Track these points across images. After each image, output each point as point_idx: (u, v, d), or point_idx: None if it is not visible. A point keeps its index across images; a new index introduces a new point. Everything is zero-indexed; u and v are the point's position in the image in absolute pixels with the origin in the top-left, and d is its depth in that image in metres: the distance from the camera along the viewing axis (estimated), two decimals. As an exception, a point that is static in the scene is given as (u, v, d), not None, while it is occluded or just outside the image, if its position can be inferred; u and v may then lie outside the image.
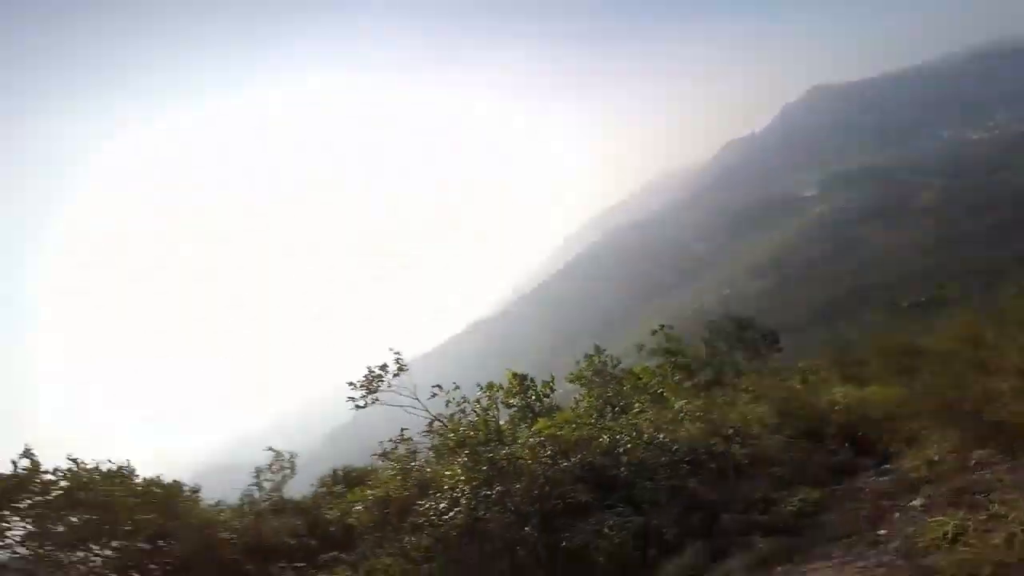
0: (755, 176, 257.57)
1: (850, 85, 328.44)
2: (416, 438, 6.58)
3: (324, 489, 9.75)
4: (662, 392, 9.03)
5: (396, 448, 6.28)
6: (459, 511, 5.10)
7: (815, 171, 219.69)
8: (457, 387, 6.69)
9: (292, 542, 7.41)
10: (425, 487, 5.72)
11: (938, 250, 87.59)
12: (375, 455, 6.63)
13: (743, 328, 12.77)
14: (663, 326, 10.51)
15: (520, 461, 5.64)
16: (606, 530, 4.87)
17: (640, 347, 10.78)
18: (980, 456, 3.97)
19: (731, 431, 6.52)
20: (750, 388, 8.10)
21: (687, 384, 10.52)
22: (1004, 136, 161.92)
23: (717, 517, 5.09)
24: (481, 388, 7.18)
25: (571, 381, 10.10)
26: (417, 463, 6.20)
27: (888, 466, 5.01)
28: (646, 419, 6.88)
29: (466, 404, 6.72)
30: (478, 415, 6.78)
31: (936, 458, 4.36)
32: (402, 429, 6.36)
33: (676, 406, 7.44)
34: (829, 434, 6.40)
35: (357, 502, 5.83)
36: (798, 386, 7.74)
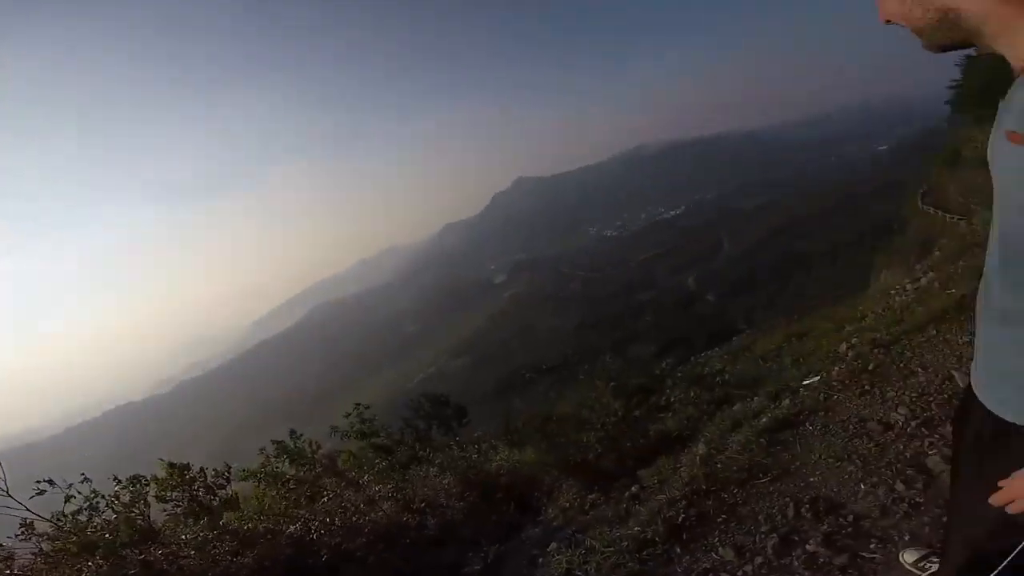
0: (466, 259, 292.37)
1: (544, 179, 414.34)
2: (9, 543, 4.61)
3: None
4: (356, 475, 8.82)
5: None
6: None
7: (508, 258, 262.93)
8: (85, 479, 5.04)
9: None
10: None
11: (581, 330, 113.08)
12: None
13: (439, 405, 13.75)
14: (358, 406, 10.28)
15: (185, 560, 4.72)
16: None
17: (333, 429, 10.25)
18: (592, 498, 5.22)
19: (422, 504, 6.82)
20: (439, 462, 8.64)
21: (383, 464, 10.50)
22: (624, 233, 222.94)
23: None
24: (120, 483, 5.57)
25: (244, 479, 8.81)
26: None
27: (540, 518, 6.03)
28: (339, 504, 6.64)
29: (99, 499, 5.09)
30: (117, 512, 5.26)
31: (567, 505, 5.50)
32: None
33: (373, 489, 7.36)
34: (499, 496, 7.32)
35: None
36: (474, 456, 8.61)
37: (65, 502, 5.07)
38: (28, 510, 4.95)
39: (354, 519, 6.17)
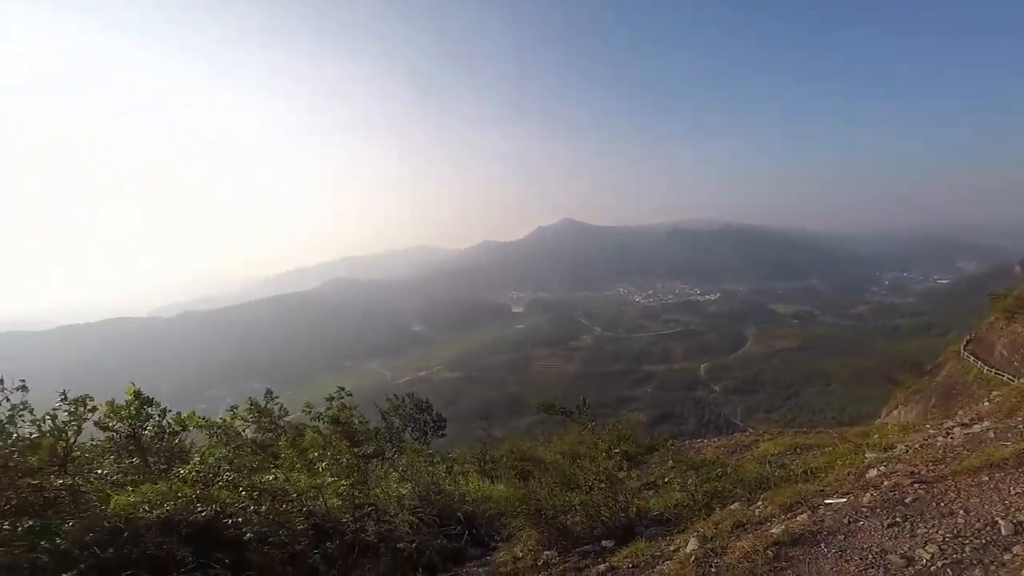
0: (490, 278, 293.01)
1: (591, 227, 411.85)
2: None
3: None
4: (314, 459, 8.39)
5: None
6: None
7: (531, 292, 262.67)
8: (23, 386, 4.67)
9: None
10: None
11: (578, 380, 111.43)
12: None
13: (420, 410, 13.25)
14: (341, 390, 9.84)
15: (88, 495, 4.35)
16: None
17: (308, 408, 9.81)
18: (548, 556, 4.71)
19: (370, 508, 6.38)
20: (402, 468, 8.21)
21: (346, 455, 9.94)
22: (652, 303, 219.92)
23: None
24: (64, 398, 5.18)
25: (198, 426, 8.45)
26: None
27: (489, 557, 5.51)
28: (279, 484, 6.23)
29: (24, 412, 4.70)
30: (48, 431, 4.87)
31: (520, 555, 4.98)
32: None
33: (324, 478, 6.98)
34: (456, 521, 6.83)
35: None
36: (442, 473, 8.17)
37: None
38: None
39: (290, 506, 5.71)
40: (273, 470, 6.86)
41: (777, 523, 3.81)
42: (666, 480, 7.28)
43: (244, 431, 9.34)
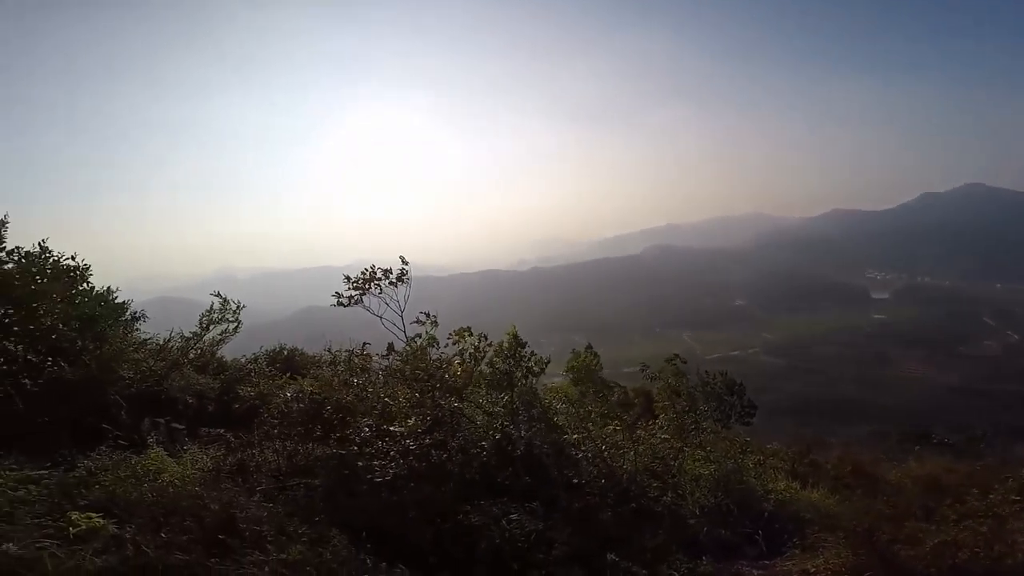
0: (841, 254, 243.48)
1: (1014, 195, 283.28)
2: (377, 357, 6.43)
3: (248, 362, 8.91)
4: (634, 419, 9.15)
5: (350, 357, 6.12)
6: (413, 448, 4.92)
7: (904, 276, 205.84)
8: (435, 322, 6.64)
9: (190, 400, 6.88)
10: (371, 407, 5.56)
11: (954, 395, 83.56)
12: (324, 351, 6.25)
13: (731, 392, 12.59)
14: (676, 356, 10.37)
15: (467, 418, 5.66)
16: (504, 521, 4.77)
17: (644, 367, 10.67)
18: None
19: (673, 480, 6.67)
20: (708, 449, 8.18)
21: (662, 420, 10.45)
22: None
23: (606, 551, 5.00)
24: (467, 333, 6.98)
25: (568, 370, 10.18)
26: (365, 379, 5.97)
27: (768, 561, 5.12)
28: (610, 436, 7.05)
29: (434, 343, 6.61)
30: (464, 357, 6.64)
31: (811, 570, 4.46)
32: (364, 343, 6.31)
33: (640, 434, 7.57)
34: (751, 513, 6.53)
35: (291, 387, 5.49)
36: (750, 464, 7.81)
37: (411, 338, 6.52)
38: (404, 332, 6.41)
39: (610, 458, 6.44)
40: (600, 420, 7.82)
41: None
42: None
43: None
